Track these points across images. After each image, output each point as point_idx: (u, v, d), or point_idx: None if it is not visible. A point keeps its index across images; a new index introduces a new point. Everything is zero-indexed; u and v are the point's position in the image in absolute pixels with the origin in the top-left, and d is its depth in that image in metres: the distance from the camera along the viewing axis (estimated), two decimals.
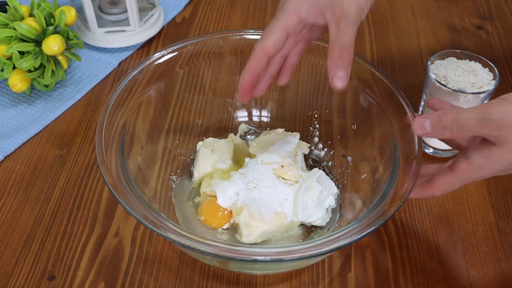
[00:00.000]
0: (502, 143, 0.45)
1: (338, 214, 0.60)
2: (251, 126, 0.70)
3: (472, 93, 0.63)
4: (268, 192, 0.57)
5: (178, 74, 0.64)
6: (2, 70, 0.71)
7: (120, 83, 0.58)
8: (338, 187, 0.63)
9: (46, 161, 0.68)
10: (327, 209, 0.59)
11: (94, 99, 0.77)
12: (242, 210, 0.56)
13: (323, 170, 0.65)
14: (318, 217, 0.58)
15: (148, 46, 0.86)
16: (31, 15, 0.73)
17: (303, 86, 0.68)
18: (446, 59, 0.69)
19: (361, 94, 0.62)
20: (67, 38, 0.74)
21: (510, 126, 0.44)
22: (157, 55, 0.62)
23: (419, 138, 0.53)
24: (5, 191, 0.65)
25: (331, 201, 0.60)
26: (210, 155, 0.63)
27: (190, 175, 0.65)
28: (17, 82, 0.71)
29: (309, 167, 0.65)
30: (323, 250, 0.45)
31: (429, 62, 0.67)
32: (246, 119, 0.70)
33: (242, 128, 0.70)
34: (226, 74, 0.67)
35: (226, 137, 0.68)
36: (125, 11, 0.83)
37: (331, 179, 0.64)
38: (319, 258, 0.56)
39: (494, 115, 0.44)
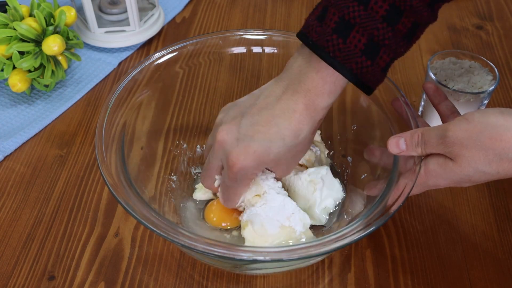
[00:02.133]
0: (455, 158, 0.47)
1: (338, 214, 0.60)
2: None
3: (472, 93, 0.63)
4: (275, 208, 0.55)
5: (178, 74, 0.64)
6: (2, 70, 0.71)
7: (120, 83, 0.58)
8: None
9: (46, 161, 0.68)
10: (323, 209, 0.59)
11: (94, 99, 0.77)
12: (247, 225, 0.56)
13: None
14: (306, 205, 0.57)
15: (148, 46, 0.86)
16: (31, 15, 0.73)
17: None
18: (446, 59, 0.69)
19: (361, 94, 0.62)
20: (67, 38, 0.74)
21: (461, 143, 0.46)
22: (157, 55, 0.62)
23: None
24: (5, 191, 0.65)
25: (328, 203, 0.58)
26: None
27: (191, 174, 0.65)
28: (17, 82, 0.71)
29: None
30: (323, 250, 0.45)
31: (429, 62, 0.67)
32: None
33: None
34: (226, 74, 0.67)
35: None
36: (125, 11, 0.83)
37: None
38: (319, 258, 0.56)
39: (449, 132, 0.47)
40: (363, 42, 0.45)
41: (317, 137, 0.64)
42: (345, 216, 0.59)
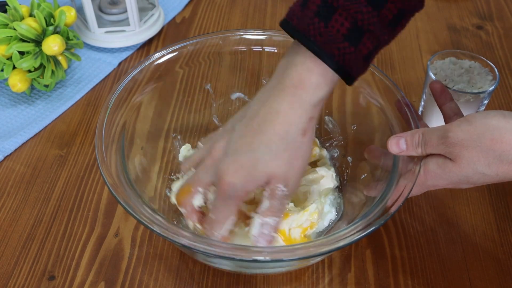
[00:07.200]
0: (455, 159, 0.47)
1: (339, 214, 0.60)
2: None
3: (472, 93, 0.63)
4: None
5: (178, 74, 0.64)
6: (2, 70, 0.71)
7: (120, 83, 0.58)
8: (338, 187, 0.63)
9: (46, 161, 0.68)
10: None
11: (94, 99, 0.77)
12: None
13: None
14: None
15: (148, 46, 0.86)
16: (31, 15, 0.73)
17: None
18: (446, 59, 0.69)
19: (361, 94, 0.62)
20: (67, 38, 0.74)
21: (462, 144, 0.46)
22: (157, 55, 0.62)
23: None
24: (5, 191, 0.65)
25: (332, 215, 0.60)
26: None
27: None
28: (17, 82, 0.71)
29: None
30: (323, 250, 0.45)
31: (429, 62, 0.67)
32: None
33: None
34: (226, 74, 0.67)
35: None
36: (125, 11, 0.83)
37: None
38: (319, 258, 0.56)
39: (451, 133, 0.47)
40: (346, 27, 0.42)
41: None
42: (345, 217, 0.59)
